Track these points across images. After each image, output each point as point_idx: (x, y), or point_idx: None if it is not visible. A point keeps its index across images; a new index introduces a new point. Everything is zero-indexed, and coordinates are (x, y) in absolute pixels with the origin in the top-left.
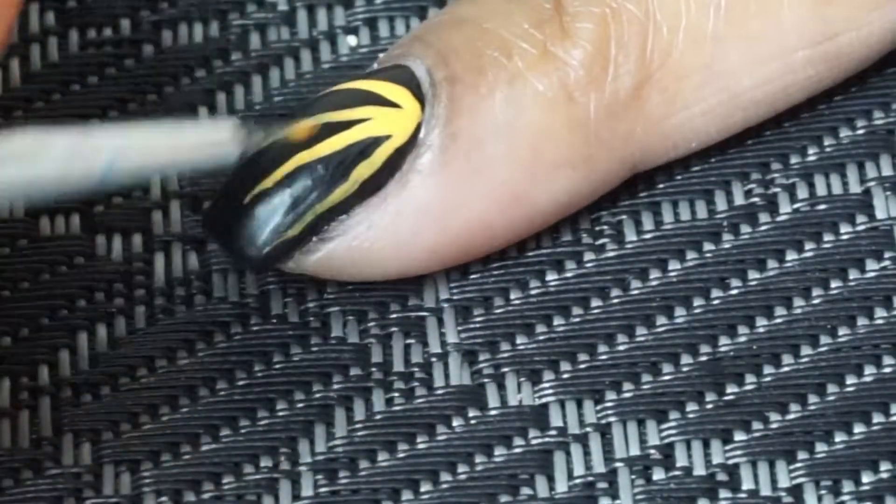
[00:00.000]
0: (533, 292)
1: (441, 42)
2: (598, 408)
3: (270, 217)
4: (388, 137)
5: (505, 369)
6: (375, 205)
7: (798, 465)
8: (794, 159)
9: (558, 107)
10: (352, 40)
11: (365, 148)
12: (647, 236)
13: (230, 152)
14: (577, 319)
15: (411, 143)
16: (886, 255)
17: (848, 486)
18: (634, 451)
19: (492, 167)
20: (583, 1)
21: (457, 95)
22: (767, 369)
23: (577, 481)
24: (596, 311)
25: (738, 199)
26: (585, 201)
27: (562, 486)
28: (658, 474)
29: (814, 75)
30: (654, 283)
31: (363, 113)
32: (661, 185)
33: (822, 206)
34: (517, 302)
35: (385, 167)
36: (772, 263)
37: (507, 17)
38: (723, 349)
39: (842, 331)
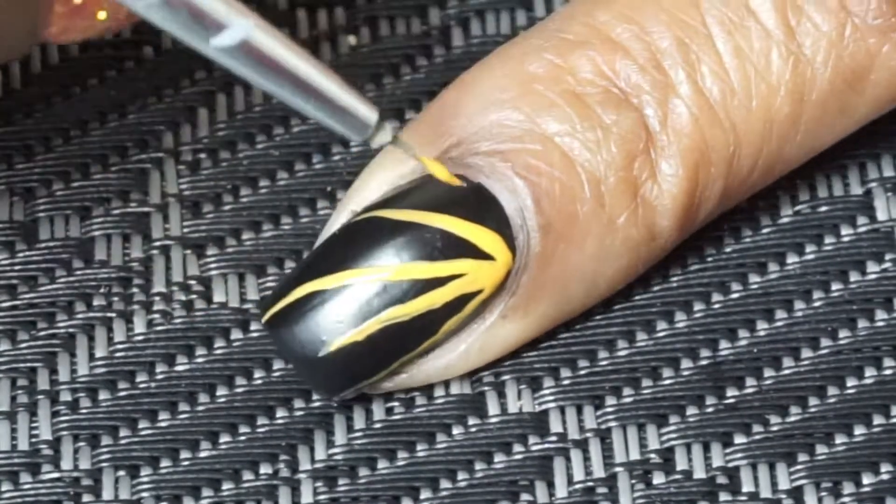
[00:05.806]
0: None
1: (531, 174)
2: (598, 413)
3: (355, 367)
4: (479, 292)
5: (505, 377)
6: (455, 347)
7: (798, 467)
8: None
9: (642, 248)
10: (352, 40)
11: (457, 305)
12: None
13: (359, 132)
14: (578, 326)
15: (499, 290)
16: (887, 256)
17: (848, 487)
18: (634, 455)
19: (571, 306)
20: (675, 135)
21: (549, 247)
22: (768, 372)
23: (577, 486)
24: (597, 317)
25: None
26: None
27: (562, 492)
28: (658, 478)
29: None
30: (655, 288)
31: (458, 268)
32: None
33: (824, 208)
34: None
35: (471, 315)
36: (772, 266)
37: (599, 147)
38: (723, 353)
39: (842, 333)
